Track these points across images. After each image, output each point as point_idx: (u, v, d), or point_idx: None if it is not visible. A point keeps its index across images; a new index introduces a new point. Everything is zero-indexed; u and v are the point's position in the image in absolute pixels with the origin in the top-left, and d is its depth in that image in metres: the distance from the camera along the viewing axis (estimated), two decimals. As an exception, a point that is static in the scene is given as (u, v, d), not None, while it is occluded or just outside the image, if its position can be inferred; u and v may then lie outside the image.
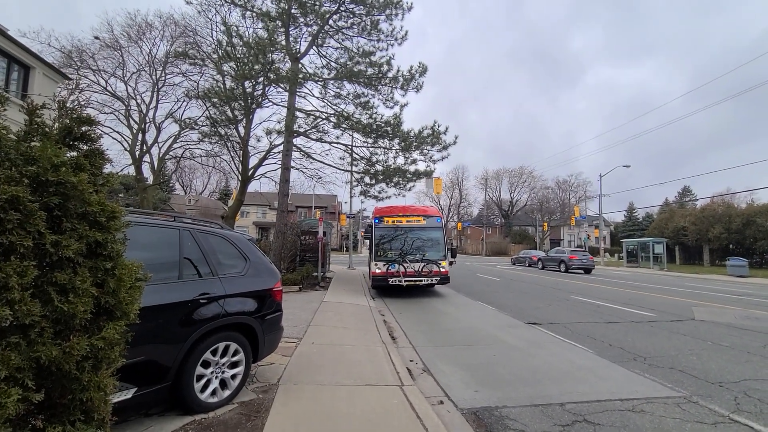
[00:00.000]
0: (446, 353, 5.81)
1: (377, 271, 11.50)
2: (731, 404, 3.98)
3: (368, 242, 13.48)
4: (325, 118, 14.25)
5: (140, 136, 21.75)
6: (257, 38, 11.99)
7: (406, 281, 11.27)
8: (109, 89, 20.20)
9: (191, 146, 21.99)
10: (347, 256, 27.29)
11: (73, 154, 1.94)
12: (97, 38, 19.47)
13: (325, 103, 14.45)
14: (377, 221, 12.49)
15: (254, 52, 11.60)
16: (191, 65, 16.69)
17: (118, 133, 21.15)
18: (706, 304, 11.21)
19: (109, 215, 1.89)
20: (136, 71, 20.78)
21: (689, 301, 11.75)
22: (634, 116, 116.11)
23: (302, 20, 13.43)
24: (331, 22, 13.48)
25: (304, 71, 13.14)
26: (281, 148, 14.58)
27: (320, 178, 17.10)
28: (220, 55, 12.97)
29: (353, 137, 15.39)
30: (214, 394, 3.44)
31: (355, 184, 16.12)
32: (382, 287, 11.96)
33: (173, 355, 3.07)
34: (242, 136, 15.55)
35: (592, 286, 15.88)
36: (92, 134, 2.04)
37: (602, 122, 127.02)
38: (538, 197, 63.83)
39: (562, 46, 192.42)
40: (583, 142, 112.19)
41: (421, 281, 11.46)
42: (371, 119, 13.63)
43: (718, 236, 31.27)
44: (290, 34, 13.50)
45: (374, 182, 15.04)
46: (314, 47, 14.14)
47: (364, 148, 15.23)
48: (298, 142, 15.07)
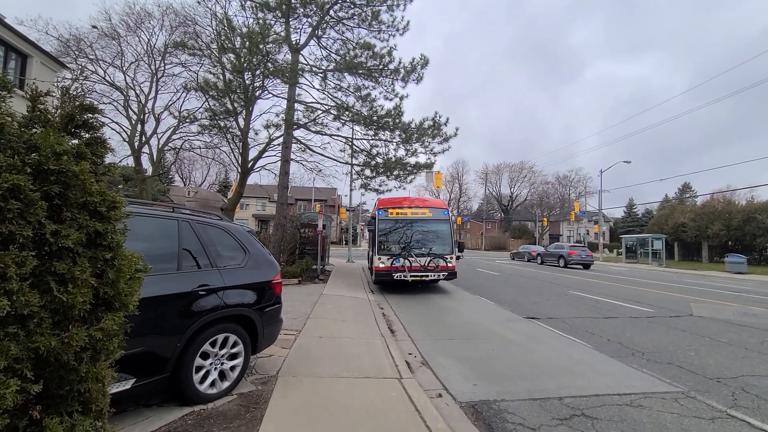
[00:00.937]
0: (445, 347, 5.83)
1: (381, 265, 10.87)
2: (729, 400, 4.00)
3: (370, 235, 12.83)
4: (325, 110, 14.16)
5: (139, 126, 21.56)
6: (251, 29, 11.76)
7: (411, 276, 10.68)
8: (107, 79, 20.02)
9: (191, 137, 21.84)
10: (347, 249, 27.33)
11: (74, 142, 1.90)
12: (95, 27, 19.24)
13: (325, 95, 14.36)
14: (381, 213, 11.81)
15: (249, 44, 11.45)
16: (191, 56, 16.51)
17: (116, 123, 21.00)
18: (704, 300, 11.25)
19: (109, 205, 1.86)
20: (134, 61, 20.58)
21: (688, 297, 11.79)
22: (634, 112, 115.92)
23: (302, 11, 13.27)
24: (331, 12, 13.32)
25: (303, 63, 13.01)
26: (281, 140, 14.51)
27: (320, 170, 16.99)
28: (219, 46, 12.83)
29: (353, 129, 15.29)
30: (213, 385, 3.45)
31: (355, 176, 15.98)
32: (385, 282, 11.26)
33: (172, 346, 3.07)
34: (242, 127, 15.45)
35: (590, 281, 15.93)
36: (95, 122, 1.99)
37: (603, 118, 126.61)
38: (538, 192, 63.98)
39: (562, 40, 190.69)
40: (583, 137, 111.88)
41: (427, 276, 10.90)
42: (372, 111, 13.52)
43: (717, 233, 31.24)
44: (290, 25, 13.35)
45: (375, 175, 14.92)
46: (314, 39, 13.99)
47: (364, 140, 15.15)
48: (298, 134, 14.98)
